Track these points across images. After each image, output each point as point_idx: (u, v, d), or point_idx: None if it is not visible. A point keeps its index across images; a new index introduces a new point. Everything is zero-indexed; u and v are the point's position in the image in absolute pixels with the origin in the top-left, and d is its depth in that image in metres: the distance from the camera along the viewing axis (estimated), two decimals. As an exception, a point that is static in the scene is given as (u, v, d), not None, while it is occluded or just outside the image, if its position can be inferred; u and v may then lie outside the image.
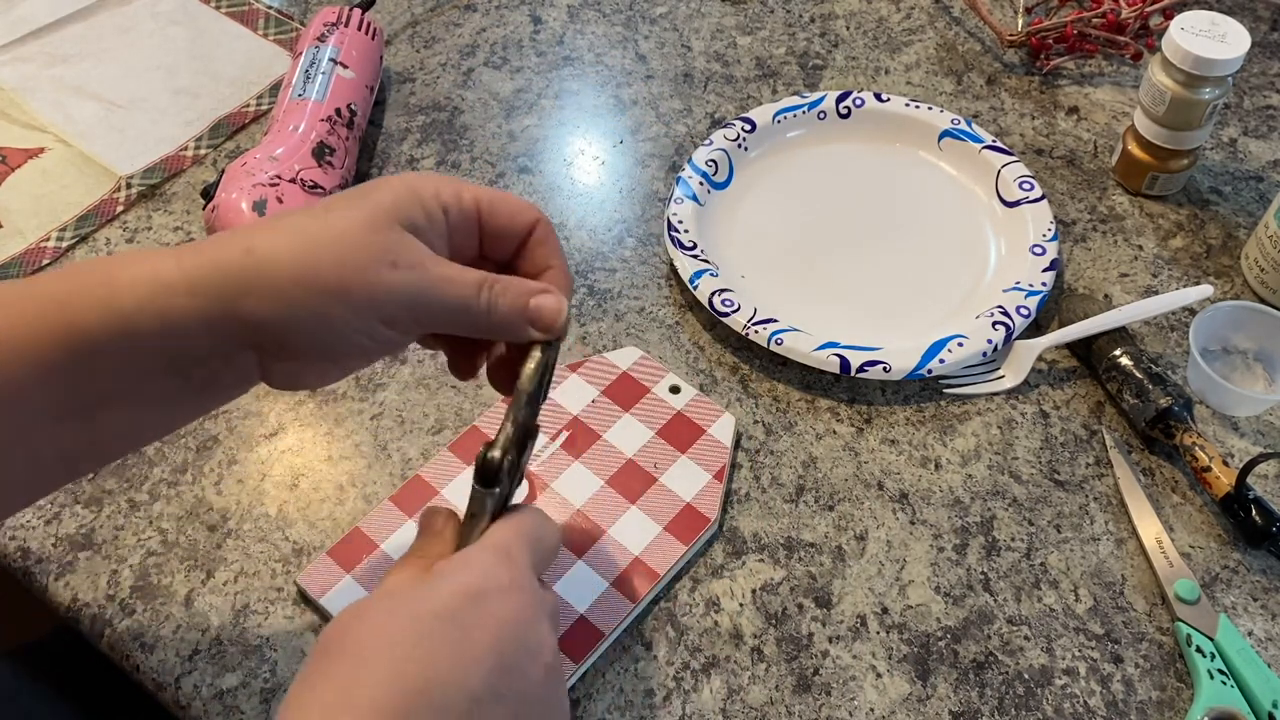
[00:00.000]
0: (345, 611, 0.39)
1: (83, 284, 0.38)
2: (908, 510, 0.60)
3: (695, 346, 0.67)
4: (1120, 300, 0.69)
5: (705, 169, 0.73)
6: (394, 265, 0.40)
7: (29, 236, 0.73)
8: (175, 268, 0.39)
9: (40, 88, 0.82)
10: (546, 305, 0.44)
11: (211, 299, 0.39)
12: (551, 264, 0.46)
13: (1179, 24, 0.67)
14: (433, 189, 0.43)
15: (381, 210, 0.41)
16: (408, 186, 0.42)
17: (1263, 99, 0.81)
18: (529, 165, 0.77)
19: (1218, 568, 0.57)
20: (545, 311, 0.44)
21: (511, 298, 0.43)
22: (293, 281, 0.39)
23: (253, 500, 0.61)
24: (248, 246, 0.39)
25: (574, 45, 0.86)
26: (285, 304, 0.39)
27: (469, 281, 0.42)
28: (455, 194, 0.43)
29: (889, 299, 0.69)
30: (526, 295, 0.44)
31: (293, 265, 0.39)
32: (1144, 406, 0.61)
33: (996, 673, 0.54)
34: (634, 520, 0.58)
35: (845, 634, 0.55)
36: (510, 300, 0.43)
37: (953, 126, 0.75)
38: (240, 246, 0.39)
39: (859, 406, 0.64)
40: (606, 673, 0.54)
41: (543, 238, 0.46)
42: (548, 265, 0.46)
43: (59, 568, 0.58)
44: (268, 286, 0.39)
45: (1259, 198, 0.74)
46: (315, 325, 0.40)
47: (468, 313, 0.43)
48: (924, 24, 0.87)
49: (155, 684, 0.54)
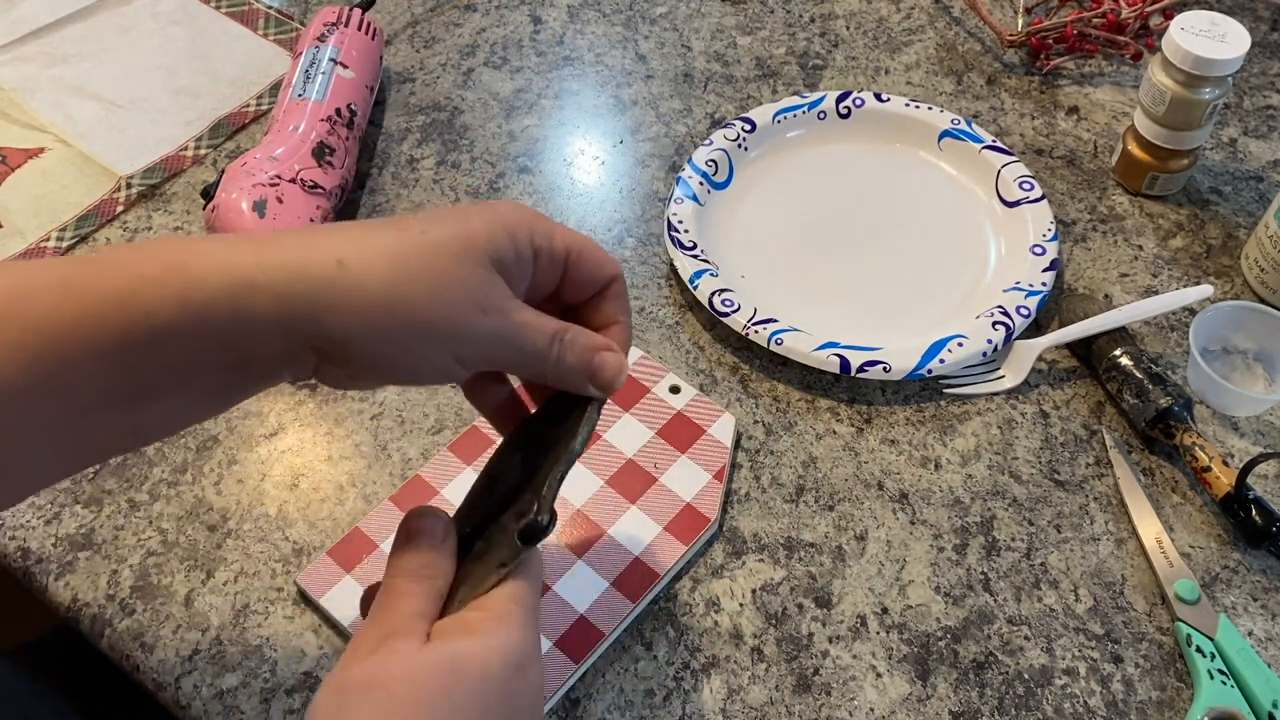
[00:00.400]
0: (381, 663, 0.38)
1: (156, 272, 0.36)
2: (908, 510, 0.60)
3: (695, 346, 0.67)
4: (1120, 300, 0.69)
5: (705, 169, 0.73)
6: (483, 310, 0.40)
7: (29, 236, 0.73)
8: (256, 265, 0.37)
9: (40, 88, 0.82)
10: (609, 363, 0.44)
11: (296, 305, 0.37)
12: (619, 320, 0.46)
13: (1179, 24, 0.67)
14: (528, 228, 0.42)
15: (476, 243, 0.40)
16: (503, 221, 0.41)
17: (1263, 99, 0.81)
18: (529, 165, 0.77)
19: (1218, 568, 0.57)
20: (608, 369, 0.44)
21: (579, 351, 0.43)
22: (385, 307, 0.38)
23: (253, 500, 0.61)
24: (340, 258, 0.38)
25: (574, 45, 0.86)
26: (373, 327, 0.38)
27: (546, 331, 0.42)
28: (548, 236, 0.43)
29: (889, 299, 0.69)
30: (592, 351, 0.44)
31: (386, 290, 0.38)
32: (1144, 406, 0.61)
33: (996, 673, 0.54)
34: (634, 520, 0.58)
35: (845, 634, 0.55)
36: (578, 354, 0.43)
37: (953, 126, 0.75)
38: (331, 256, 0.38)
39: (859, 406, 0.64)
40: (606, 673, 0.54)
41: (618, 292, 0.46)
42: (615, 320, 0.46)
43: (59, 568, 0.58)
44: (358, 306, 0.38)
45: (1259, 198, 0.74)
46: (395, 351, 0.39)
47: (537, 361, 0.43)
48: (924, 24, 0.87)
49: (155, 684, 0.54)
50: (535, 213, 0.43)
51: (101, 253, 0.38)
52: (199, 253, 0.37)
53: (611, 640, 0.55)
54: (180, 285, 0.36)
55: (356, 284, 0.38)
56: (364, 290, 0.38)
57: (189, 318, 0.36)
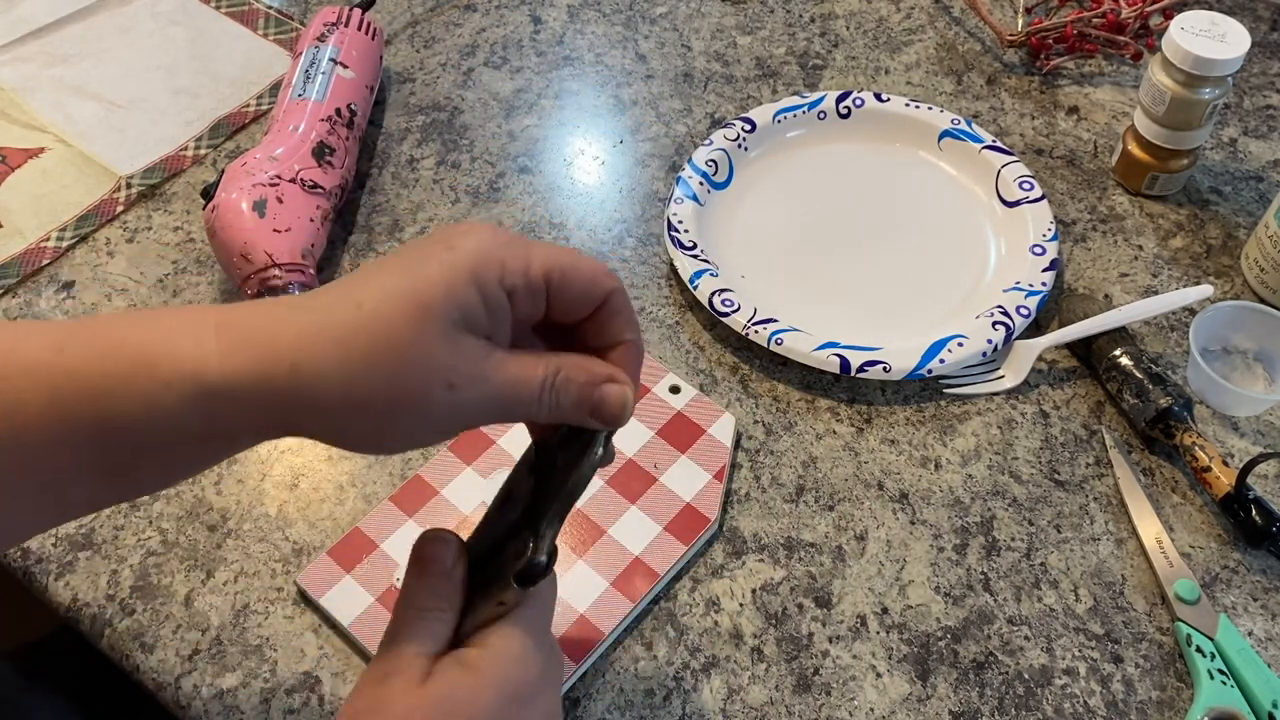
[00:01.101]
0: (380, 697, 0.38)
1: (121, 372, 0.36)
2: (908, 510, 0.60)
3: (695, 346, 0.67)
4: (1120, 300, 0.69)
5: (705, 169, 0.73)
6: (452, 386, 0.36)
7: (29, 236, 0.73)
8: (219, 370, 0.36)
9: (40, 88, 0.82)
10: (611, 398, 0.40)
11: (262, 412, 0.36)
12: (624, 338, 0.41)
13: (1179, 24, 0.67)
14: (497, 268, 0.37)
15: (433, 309, 0.36)
16: (467, 264, 0.37)
17: (1263, 99, 0.81)
18: (529, 165, 0.77)
19: (1218, 568, 0.57)
20: (609, 404, 0.40)
21: (575, 391, 0.39)
22: (346, 408, 0.36)
23: (253, 500, 0.61)
24: (293, 362, 0.36)
25: (574, 45, 0.86)
26: (339, 428, 0.38)
27: (533, 382, 0.38)
28: (523, 270, 0.38)
29: (889, 299, 0.69)
30: (591, 387, 0.40)
31: (343, 391, 0.36)
32: (1144, 406, 0.61)
33: (996, 673, 0.54)
34: (634, 520, 0.58)
35: (845, 634, 0.55)
36: (574, 394, 0.39)
37: (953, 126, 0.75)
38: (286, 359, 0.36)
39: (859, 406, 0.64)
40: (606, 673, 0.54)
41: (618, 308, 0.41)
42: (619, 339, 0.41)
43: (59, 568, 0.58)
44: (321, 410, 0.36)
45: (1259, 198, 0.74)
46: (368, 438, 0.39)
47: (530, 412, 0.39)
48: (924, 24, 0.87)
49: (155, 684, 0.54)
50: (507, 240, 0.38)
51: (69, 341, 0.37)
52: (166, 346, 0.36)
53: (611, 640, 0.55)
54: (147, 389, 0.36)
55: (311, 389, 0.36)
56: (321, 394, 0.36)
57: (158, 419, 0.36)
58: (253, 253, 0.64)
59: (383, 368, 0.36)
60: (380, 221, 0.74)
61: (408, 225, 0.74)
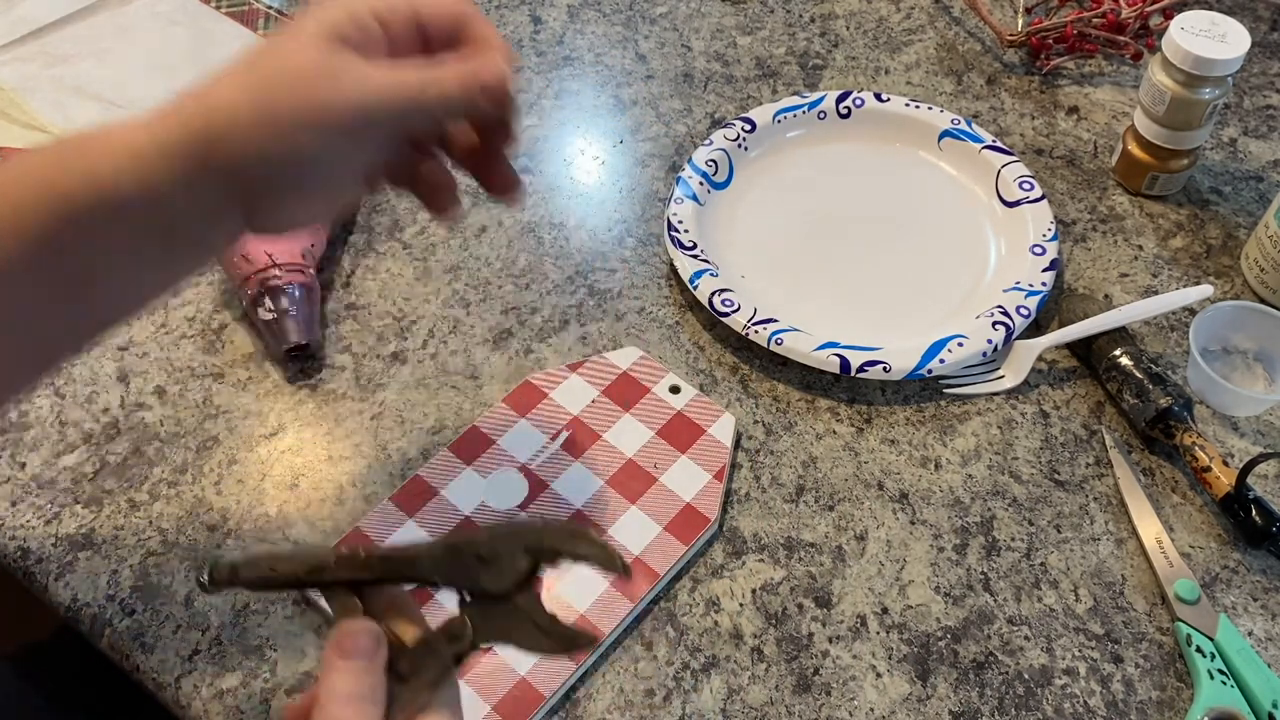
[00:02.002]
0: None
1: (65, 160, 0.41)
2: (908, 510, 0.60)
3: (695, 346, 0.67)
4: (1120, 300, 0.69)
5: (705, 169, 0.73)
6: (337, 78, 0.42)
7: (29, 236, 0.73)
8: (147, 138, 0.41)
9: (40, 88, 0.82)
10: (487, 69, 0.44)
11: (185, 158, 0.41)
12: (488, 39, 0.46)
13: (1179, 24, 0.67)
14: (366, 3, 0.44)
15: (321, 33, 0.43)
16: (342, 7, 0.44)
17: (1263, 99, 0.81)
18: (529, 165, 0.77)
19: (1218, 568, 0.57)
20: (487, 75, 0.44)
21: (455, 75, 0.44)
22: (255, 124, 0.41)
23: (253, 500, 0.61)
24: (210, 103, 0.42)
25: (574, 45, 0.86)
26: (253, 146, 0.41)
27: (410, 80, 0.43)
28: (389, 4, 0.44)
29: (889, 299, 0.69)
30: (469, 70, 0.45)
31: (252, 108, 0.41)
32: (1144, 406, 0.61)
33: (996, 673, 0.54)
34: (634, 520, 0.58)
35: (845, 634, 0.55)
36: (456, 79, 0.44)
37: (953, 126, 0.75)
38: (204, 104, 0.42)
39: (859, 406, 0.64)
40: (606, 673, 0.54)
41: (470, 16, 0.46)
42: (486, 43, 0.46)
43: (59, 568, 0.58)
44: (234, 135, 0.41)
45: (1259, 198, 0.74)
46: (285, 156, 0.42)
47: (420, 107, 0.44)
48: (924, 24, 0.87)
49: (155, 684, 0.54)
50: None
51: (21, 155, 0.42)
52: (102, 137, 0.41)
53: (611, 640, 0.55)
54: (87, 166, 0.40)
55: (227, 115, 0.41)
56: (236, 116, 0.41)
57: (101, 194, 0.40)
58: (253, 253, 0.64)
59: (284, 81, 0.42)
60: (380, 221, 0.74)
61: (408, 225, 0.74)
